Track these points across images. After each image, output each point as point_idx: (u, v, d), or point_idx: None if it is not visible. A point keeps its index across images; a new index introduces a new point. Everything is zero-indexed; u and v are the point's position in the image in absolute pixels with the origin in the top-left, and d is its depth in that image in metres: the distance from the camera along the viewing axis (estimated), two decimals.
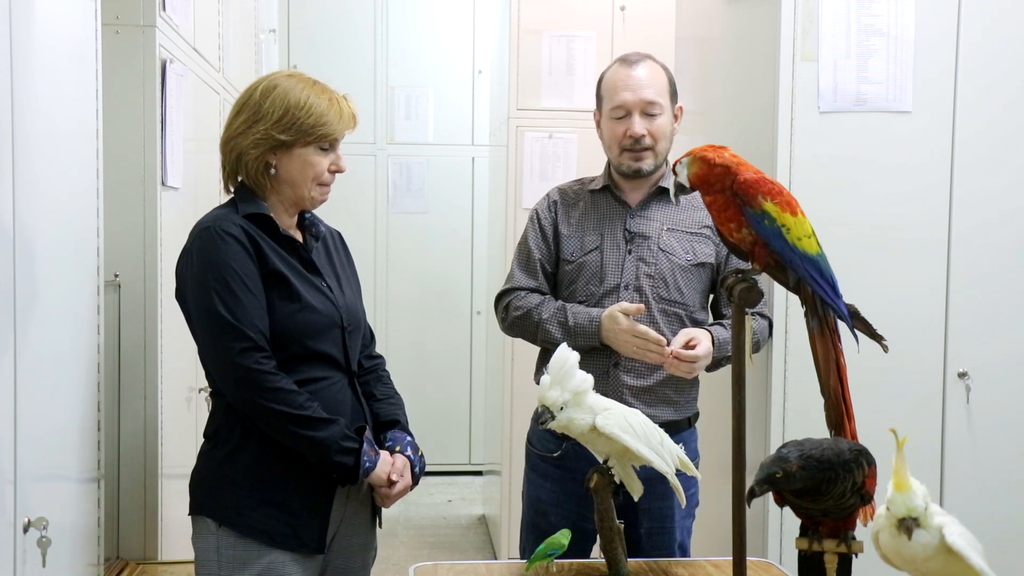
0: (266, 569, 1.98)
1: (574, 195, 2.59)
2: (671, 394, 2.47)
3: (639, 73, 2.49)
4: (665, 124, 2.49)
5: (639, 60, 2.52)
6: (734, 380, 1.91)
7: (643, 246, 2.48)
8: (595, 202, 2.55)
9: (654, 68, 2.52)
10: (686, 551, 2.53)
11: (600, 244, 2.49)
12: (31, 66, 1.90)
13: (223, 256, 1.96)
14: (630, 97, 2.47)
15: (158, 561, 2.76)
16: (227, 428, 2.02)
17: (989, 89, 2.83)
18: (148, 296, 2.74)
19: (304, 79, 2.08)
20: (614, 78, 2.53)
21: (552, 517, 2.50)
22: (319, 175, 2.07)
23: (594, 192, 2.56)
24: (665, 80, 2.52)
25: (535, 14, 4.42)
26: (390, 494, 2.09)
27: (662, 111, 2.48)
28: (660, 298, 2.45)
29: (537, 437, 2.58)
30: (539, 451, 2.56)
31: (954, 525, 1.63)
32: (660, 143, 2.49)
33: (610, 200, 2.54)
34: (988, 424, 2.86)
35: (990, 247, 2.84)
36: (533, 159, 4.43)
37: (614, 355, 2.44)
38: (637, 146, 2.47)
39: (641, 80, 2.48)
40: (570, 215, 2.55)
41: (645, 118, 2.47)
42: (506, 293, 2.60)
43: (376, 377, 2.26)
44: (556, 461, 2.51)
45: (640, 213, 2.52)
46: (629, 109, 2.47)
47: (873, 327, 1.96)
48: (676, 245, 2.48)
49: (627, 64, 2.52)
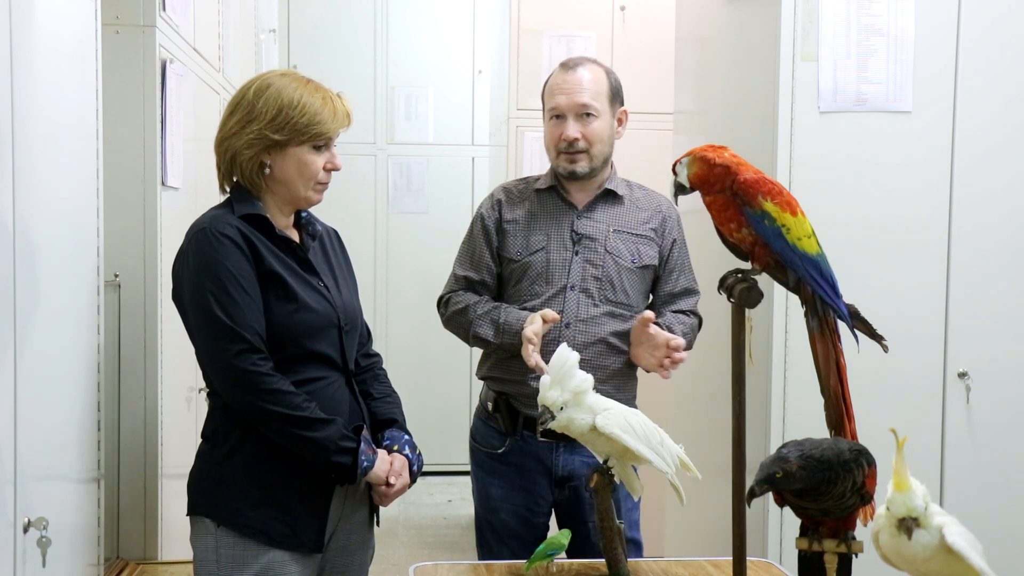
0: (265, 568, 1.98)
1: (519, 193, 2.59)
2: (615, 393, 2.44)
3: (576, 77, 2.50)
4: (601, 128, 2.49)
5: (578, 64, 2.52)
6: (734, 380, 1.91)
7: (590, 247, 2.48)
8: (541, 201, 2.55)
9: (594, 72, 2.51)
10: (638, 543, 2.52)
11: (546, 244, 2.50)
12: (31, 66, 1.90)
13: (219, 257, 1.96)
14: (564, 100, 2.48)
15: (158, 561, 2.76)
16: (225, 428, 2.02)
17: (989, 89, 2.83)
18: (148, 296, 2.74)
19: (298, 78, 2.08)
20: (553, 82, 2.54)
21: (503, 513, 2.51)
22: (314, 174, 2.07)
23: (540, 191, 2.56)
24: (605, 84, 2.51)
25: (535, 14, 4.42)
26: (388, 493, 2.09)
27: (598, 114, 2.48)
28: (607, 299, 2.47)
29: (481, 434, 2.59)
30: (484, 448, 2.56)
31: (954, 525, 1.63)
32: (595, 146, 2.48)
33: (556, 200, 2.54)
34: (988, 424, 2.86)
35: (990, 247, 2.85)
36: (533, 159, 4.43)
37: None
38: (571, 149, 2.47)
39: (577, 83, 2.49)
40: (515, 213, 2.55)
41: (580, 121, 2.47)
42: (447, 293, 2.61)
43: (373, 376, 2.26)
44: (501, 457, 2.52)
45: (587, 214, 2.52)
46: (563, 112, 2.48)
47: (873, 327, 1.96)
48: (622, 247, 2.49)
49: (566, 68, 2.53)
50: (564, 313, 2.45)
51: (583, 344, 2.43)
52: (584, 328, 2.45)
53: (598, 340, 2.45)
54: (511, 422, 2.49)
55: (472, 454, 2.63)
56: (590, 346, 2.44)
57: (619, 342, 2.47)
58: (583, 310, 2.46)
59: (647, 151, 4.10)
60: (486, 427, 2.56)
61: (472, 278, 2.57)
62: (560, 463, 2.48)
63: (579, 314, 2.46)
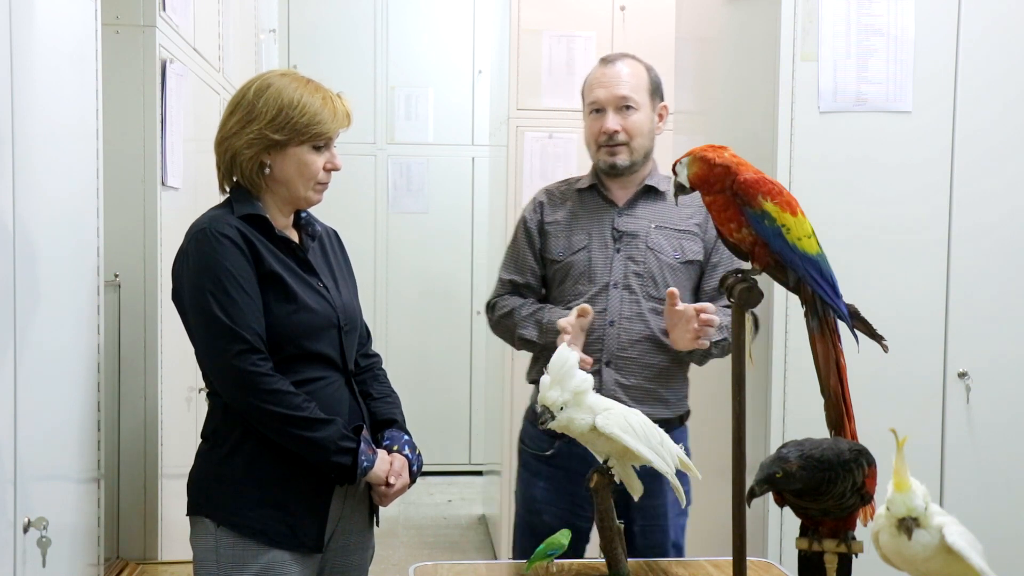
0: (265, 569, 1.98)
1: (561, 194, 2.60)
2: (663, 392, 2.47)
3: (615, 70, 2.51)
4: (641, 121, 2.50)
5: (618, 58, 2.54)
6: (734, 380, 1.90)
7: (631, 244, 2.48)
8: (582, 201, 2.56)
9: (633, 66, 2.53)
10: (681, 550, 2.53)
11: (588, 243, 2.50)
12: (31, 66, 1.90)
13: (219, 258, 1.96)
14: (603, 94, 2.49)
15: (158, 561, 2.76)
16: (225, 428, 2.02)
17: (989, 89, 2.83)
18: (148, 296, 2.74)
19: (297, 78, 2.08)
20: (592, 76, 2.56)
21: (546, 516, 2.50)
22: (314, 174, 2.07)
23: (581, 191, 2.57)
24: (645, 78, 2.53)
25: (535, 14, 4.41)
26: (388, 493, 2.09)
27: (638, 107, 2.49)
28: (650, 296, 2.46)
29: (529, 436, 2.59)
30: (532, 450, 2.56)
31: (954, 525, 1.63)
32: (636, 139, 2.49)
33: (597, 199, 2.55)
34: (988, 424, 2.86)
35: (990, 247, 2.84)
36: (533, 159, 4.43)
37: (605, 354, 2.44)
38: (611, 142, 2.48)
39: (616, 77, 2.50)
40: (557, 214, 2.56)
41: (619, 114, 2.48)
42: (494, 298, 2.62)
43: (373, 376, 2.26)
44: (549, 460, 2.51)
45: (628, 212, 2.52)
46: (603, 105, 2.49)
47: (873, 327, 1.96)
48: (664, 243, 2.48)
49: (605, 63, 2.55)
50: (608, 311, 2.44)
51: (628, 342, 2.43)
52: (628, 326, 2.44)
53: (643, 338, 2.44)
54: None
55: (519, 455, 2.63)
56: (636, 344, 2.44)
57: (666, 339, 2.44)
58: (626, 307, 2.44)
59: None
60: (534, 429, 2.55)
61: (517, 281, 2.58)
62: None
63: (623, 312, 2.44)
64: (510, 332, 2.55)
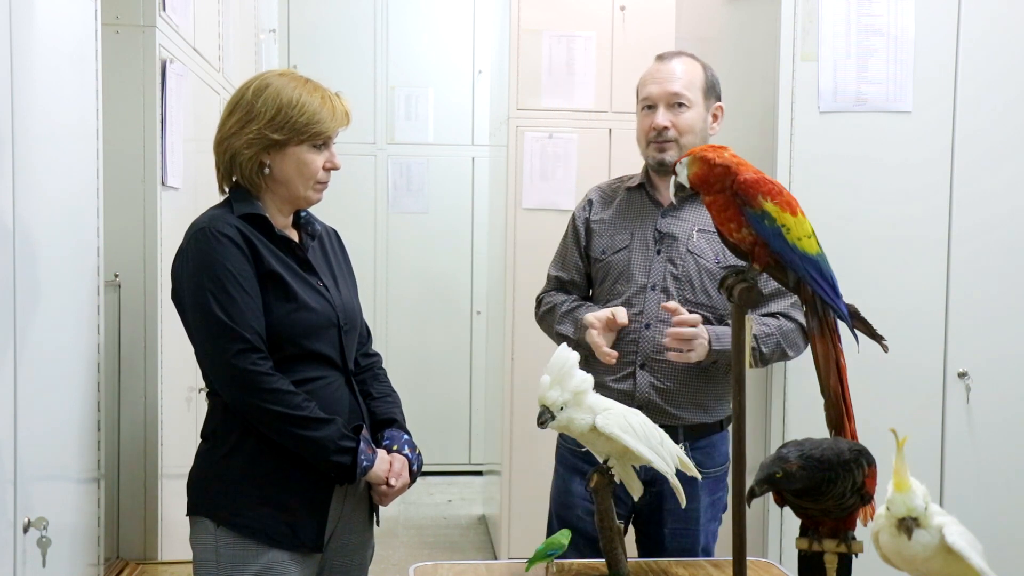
0: (264, 568, 1.98)
1: (611, 192, 2.59)
2: (700, 397, 2.43)
3: (669, 67, 2.49)
4: (693, 118, 2.46)
5: (673, 56, 2.52)
6: (734, 380, 1.91)
7: (672, 247, 2.45)
8: (630, 200, 2.54)
9: (688, 63, 2.51)
10: (710, 555, 2.48)
11: (629, 243, 2.48)
12: (31, 66, 1.90)
13: (218, 257, 1.96)
14: (656, 89, 2.48)
15: (158, 561, 2.76)
16: (225, 428, 2.02)
17: (989, 89, 2.83)
18: (148, 296, 2.74)
19: (296, 77, 2.08)
20: (646, 73, 2.54)
21: (579, 511, 2.46)
22: (314, 173, 2.07)
23: (630, 189, 2.55)
24: (700, 76, 2.50)
25: (535, 14, 4.41)
26: (388, 492, 2.09)
27: (690, 105, 2.46)
28: (686, 300, 2.41)
29: None
30: (569, 445, 2.54)
31: (954, 525, 1.63)
32: (686, 136, 2.46)
33: (644, 199, 2.53)
34: (988, 424, 2.86)
35: (990, 247, 2.85)
36: (533, 159, 4.43)
37: (640, 356, 2.42)
38: (660, 138, 2.46)
39: (670, 73, 2.48)
40: (604, 212, 2.55)
41: (671, 110, 2.46)
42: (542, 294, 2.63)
43: (373, 375, 2.25)
44: (585, 456, 2.47)
45: (672, 213, 2.48)
46: (655, 101, 2.47)
47: (873, 327, 1.96)
48: (706, 247, 2.44)
49: (660, 59, 2.53)
50: (644, 314, 2.42)
51: (665, 346, 2.37)
52: (664, 329, 2.37)
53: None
54: None
55: (557, 450, 2.61)
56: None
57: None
58: (663, 311, 2.39)
59: None
60: None
61: (562, 278, 2.59)
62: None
63: (659, 315, 2.40)
64: (551, 327, 2.56)
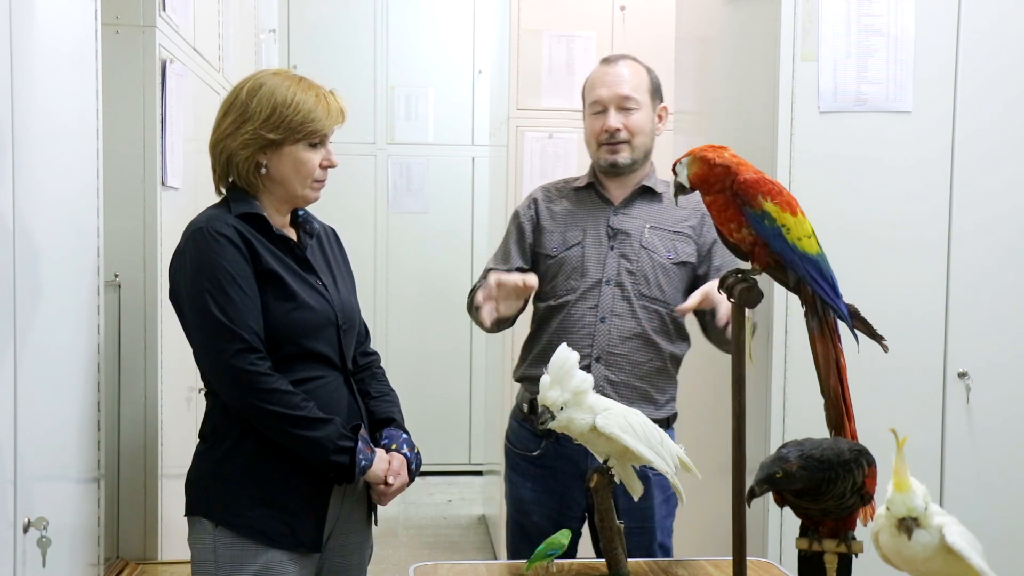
0: (263, 568, 1.98)
1: (557, 192, 2.63)
2: (651, 391, 2.48)
3: (616, 70, 2.55)
4: (642, 120, 2.53)
5: (619, 59, 2.58)
6: (734, 380, 1.90)
7: (625, 243, 2.50)
8: (579, 199, 2.59)
9: (634, 66, 2.57)
10: (668, 551, 2.54)
11: (582, 239, 2.52)
12: (31, 66, 1.90)
13: (216, 257, 1.96)
14: (605, 92, 2.52)
15: (158, 561, 2.76)
16: (223, 428, 2.02)
17: (989, 89, 2.83)
18: (148, 296, 2.74)
19: (289, 76, 2.08)
20: (593, 76, 2.59)
21: (535, 516, 2.51)
22: (311, 172, 2.07)
23: (578, 189, 2.59)
24: (646, 79, 2.57)
25: (535, 14, 4.42)
26: (387, 492, 2.09)
27: (639, 107, 2.52)
28: (641, 295, 2.48)
29: (516, 436, 2.58)
30: (519, 450, 2.56)
31: (954, 525, 1.63)
32: (637, 138, 2.52)
33: (594, 197, 2.57)
34: (988, 424, 2.86)
35: (990, 247, 2.84)
36: (533, 159, 4.43)
37: (596, 349, 2.46)
38: (612, 140, 2.51)
39: (618, 76, 2.54)
40: (552, 211, 2.58)
41: (621, 113, 2.51)
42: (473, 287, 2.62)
43: (371, 375, 2.26)
44: (536, 460, 2.51)
45: (623, 211, 2.54)
46: (605, 104, 2.52)
47: (873, 327, 1.96)
48: (658, 243, 2.50)
49: (607, 63, 2.59)
50: (599, 307, 2.46)
51: (619, 339, 2.45)
52: (620, 323, 2.46)
53: (634, 335, 2.46)
54: None
55: (507, 456, 2.63)
56: (626, 341, 2.46)
57: (656, 338, 2.47)
58: (617, 305, 2.46)
59: None
60: (521, 429, 2.56)
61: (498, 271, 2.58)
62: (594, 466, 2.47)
63: (614, 308, 2.46)
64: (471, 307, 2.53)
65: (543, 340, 2.51)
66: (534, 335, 2.57)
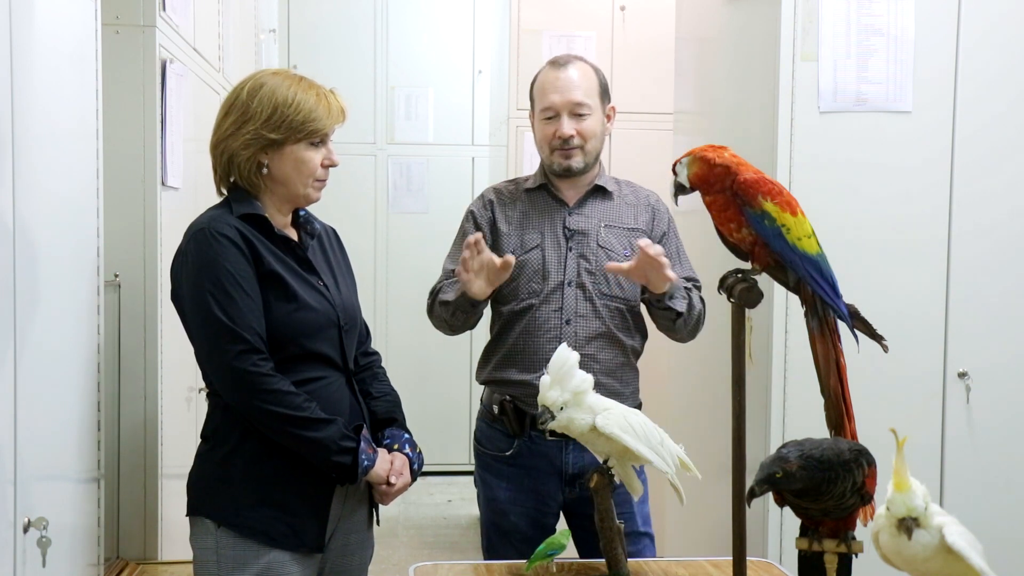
0: (265, 569, 1.98)
1: (510, 194, 2.61)
2: (617, 385, 2.46)
3: (568, 75, 2.52)
4: (594, 124, 2.52)
5: (568, 62, 2.55)
6: (734, 380, 1.91)
7: (583, 243, 2.50)
8: (532, 200, 2.57)
9: (584, 69, 2.54)
10: (651, 537, 2.52)
11: (541, 242, 2.51)
12: (31, 66, 1.90)
13: (218, 258, 1.95)
14: (558, 99, 2.50)
15: (158, 561, 2.76)
16: (225, 429, 2.02)
17: (989, 89, 2.83)
18: (148, 296, 2.74)
19: (290, 76, 2.08)
20: (544, 80, 2.56)
21: (512, 516, 2.50)
22: (312, 171, 2.07)
23: (530, 191, 2.58)
24: (595, 81, 2.54)
25: (535, 14, 4.42)
26: (389, 492, 2.09)
27: (591, 111, 2.51)
28: (602, 294, 2.48)
29: (486, 437, 2.57)
30: (490, 451, 2.56)
31: (954, 525, 1.63)
32: (589, 142, 2.51)
33: (547, 198, 2.57)
34: (988, 424, 2.86)
35: (990, 247, 2.84)
36: (533, 159, 4.42)
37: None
38: (566, 146, 2.50)
39: (569, 82, 2.51)
40: (508, 213, 2.57)
41: (574, 118, 2.50)
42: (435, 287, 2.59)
43: (372, 375, 2.26)
44: (509, 460, 2.51)
45: (578, 211, 2.54)
46: (558, 110, 2.50)
47: (873, 327, 1.96)
48: (614, 241, 2.51)
49: (556, 66, 2.55)
50: (564, 310, 2.47)
51: (585, 339, 2.45)
52: (584, 323, 2.47)
53: (599, 334, 2.47)
54: (518, 424, 2.48)
55: (477, 458, 2.62)
56: (592, 340, 2.46)
57: (620, 335, 2.48)
58: (581, 305, 2.47)
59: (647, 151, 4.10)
60: (491, 430, 2.55)
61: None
62: (570, 461, 2.47)
63: (578, 309, 2.47)
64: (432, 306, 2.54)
65: (508, 343, 2.50)
66: (498, 338, 2.54)
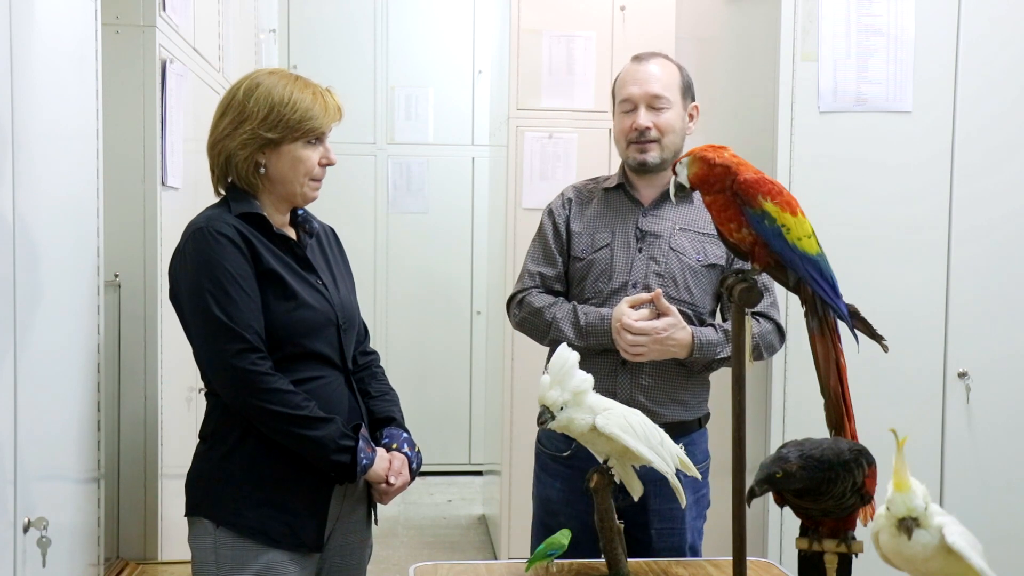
0: (264, 569, 1.98)
1: (588, 193, 2.59)
2: (681, 394, 2.45)
3: (647, 68, 2.51)
4: (672, 119, 2.49)
5: (650, 57, 2.54)
6: (734, 380, 1.90)
7: (654, 245, 2.47)
8: (608, 200, 2.55)
9: (665, 64, 2.53)
10: (697, 552, 2.50)
11: (611, 242, 2.49)
12: (31, 66, 1.90)
13: (217, 257, 1.96)
14: (636, 90, 2.49)
15: (158, 561, 2.76)
16: (224, 428, 2.02)
17: (989, 89, 2.83)
18: (148, 296, 2.74)
19: (286, 75, 2.08)
20: (624, 74, 2.55)
21: (562, 517, 2.47)
22: (310, 170, 2.07)
23: (608, 190, 2.56)
24: (676, 77, 2.52)
25: (535, 14, 4.41)
26: (388, 491, 2.09)
27: (669, 105, 2.48)
28: (669, 298, 2.42)
29: (547, 436, 2.56)
30: (549, 451, 2.54)
31: (954, 525, 1.63)
32: (667, 136, 2.48)
33: (623, 198, 2.54)
34: (988, 424, 2.86)
35: (990, 247, 2.85)
36: (533, 159, 4.43)
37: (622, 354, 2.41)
38: (642, 138, 2.47)
39: (648, 74, 2.50)
40: (583, 212, 2.55)
41: (651, 111, 2.48)
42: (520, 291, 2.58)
43: (371, 374, 2.25)
44: (566, 461, 2.49)
45: (653, 212, 2.50)
46: (635, 102, 2.49)
47: (873, 327, 1.96)
48: (687, 245, 2.47)
49: (637, 60, 2.55)
50: None
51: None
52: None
53: None
54: None
55: (536, 457, 2.60)
56: None
57: None
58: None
59: None
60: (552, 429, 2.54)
61: (547, 274, 2.55)
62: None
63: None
64: (540, 331, 2.51)
65: None
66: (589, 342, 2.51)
